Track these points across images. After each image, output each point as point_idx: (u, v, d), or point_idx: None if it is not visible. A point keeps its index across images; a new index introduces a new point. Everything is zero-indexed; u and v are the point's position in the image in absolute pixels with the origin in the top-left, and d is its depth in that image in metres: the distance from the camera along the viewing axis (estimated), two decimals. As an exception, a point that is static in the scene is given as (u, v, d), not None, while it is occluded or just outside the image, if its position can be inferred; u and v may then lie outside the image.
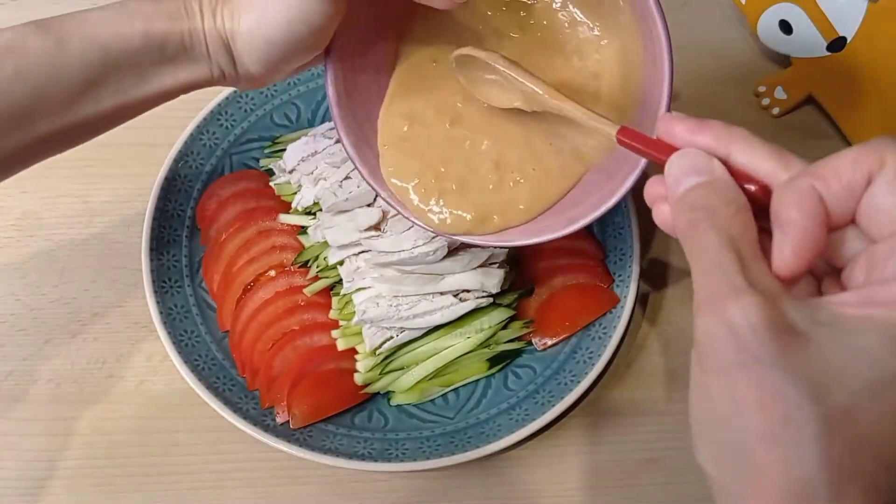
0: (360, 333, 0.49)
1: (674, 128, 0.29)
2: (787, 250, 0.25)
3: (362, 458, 0.47)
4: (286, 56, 0.38)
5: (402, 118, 0.43)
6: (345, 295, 0.50)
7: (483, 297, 0.50)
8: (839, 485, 0.22)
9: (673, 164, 0.28)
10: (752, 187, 0.27)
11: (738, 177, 0.27)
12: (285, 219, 0.53)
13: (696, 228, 0.26)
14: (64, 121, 0.37)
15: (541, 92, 0.37)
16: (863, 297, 0.24)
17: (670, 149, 0.29)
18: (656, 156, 0.30)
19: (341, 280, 0.50)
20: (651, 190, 0.30)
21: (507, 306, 0.52)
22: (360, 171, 0.43)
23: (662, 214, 0.29)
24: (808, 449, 0.22)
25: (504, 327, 0.51)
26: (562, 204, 0.42)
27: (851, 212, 0.26)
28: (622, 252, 0.54)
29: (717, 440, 0.24)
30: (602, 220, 0.56)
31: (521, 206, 0.42)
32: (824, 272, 0.28)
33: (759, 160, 0.27)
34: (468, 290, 0.50)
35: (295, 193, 0.54)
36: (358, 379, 0.50)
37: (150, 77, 0.37)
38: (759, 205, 0.27)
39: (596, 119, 0.34)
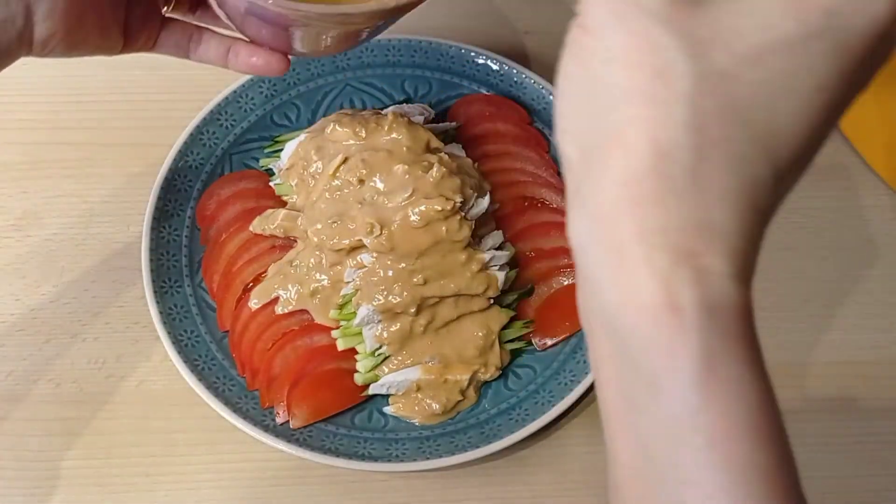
0: (360, 333, 0.49)
1: None
2: None
3: (362, 458, 0.47)
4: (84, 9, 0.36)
5: None
6: (345, 295, 0.50)
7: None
8: (701, 149, 0.20)
9: None
10: None
11: None
12: (285, 219, 0.53)
13: None
14: None
15: None
16: None
17: None
18: None
19: (341, 280, 0.50)
20: None
21: (508, 307, 0.52)
22: None
23: None
24: (676, 108, 0.20)
25: (504, 328, 0.51)
26: None
27: None
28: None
29: (583, 105, 0.22)
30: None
31: None
32: None
33: None
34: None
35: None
36: (358, 379, 0.50)
37: None
38: None
39: None
